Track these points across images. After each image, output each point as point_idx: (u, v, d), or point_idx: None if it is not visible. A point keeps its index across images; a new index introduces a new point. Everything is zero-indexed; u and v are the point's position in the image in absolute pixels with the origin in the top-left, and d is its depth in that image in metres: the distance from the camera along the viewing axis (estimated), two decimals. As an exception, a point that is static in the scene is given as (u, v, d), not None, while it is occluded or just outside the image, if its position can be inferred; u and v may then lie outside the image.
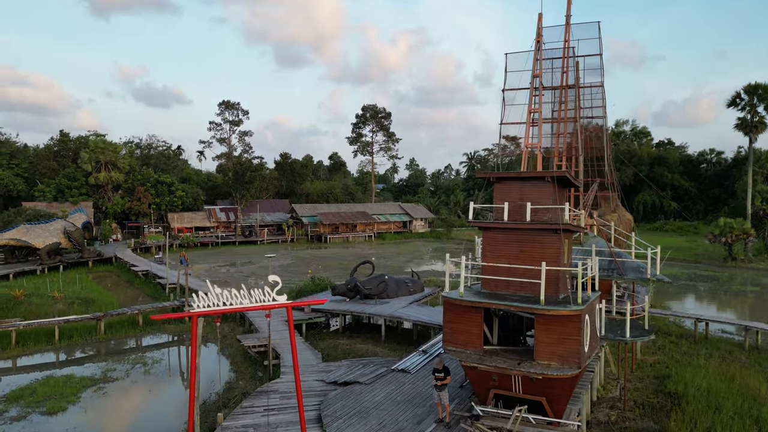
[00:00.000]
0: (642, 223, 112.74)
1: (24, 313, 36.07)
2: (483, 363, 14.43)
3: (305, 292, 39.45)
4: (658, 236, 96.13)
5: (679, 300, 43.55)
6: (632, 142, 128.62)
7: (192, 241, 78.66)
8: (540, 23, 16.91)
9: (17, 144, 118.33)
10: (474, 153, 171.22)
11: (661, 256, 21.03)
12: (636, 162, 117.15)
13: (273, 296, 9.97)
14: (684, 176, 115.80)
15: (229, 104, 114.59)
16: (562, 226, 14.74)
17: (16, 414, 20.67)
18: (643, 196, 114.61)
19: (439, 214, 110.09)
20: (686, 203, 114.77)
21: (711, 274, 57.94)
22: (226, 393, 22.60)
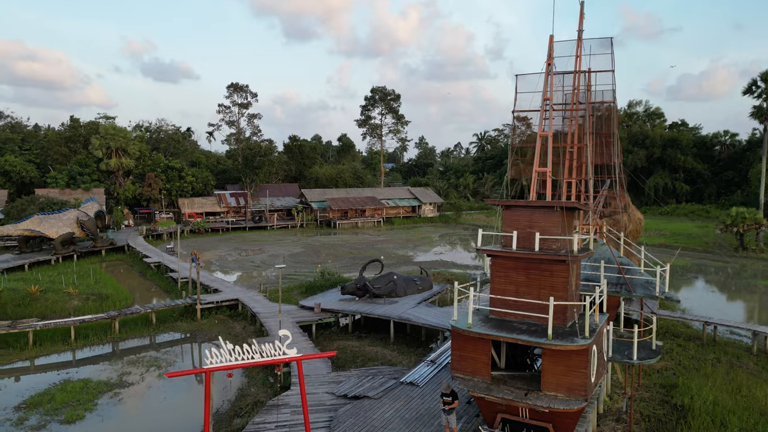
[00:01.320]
0: (653, 206, 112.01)
1: (40, 309, 36.86)
2: (490, 394, 14.65)
3: (315, 288, 39.86)
4: (669, 221, 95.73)
5: (689, 294, 43.45)
6: (645, 124, 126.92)
7: (203, 227, 79.31)
8: (551, 44, 16.66)
9: (28, 127, 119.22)
10: (484, 133, 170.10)
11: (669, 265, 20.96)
12: (648, 144, 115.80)
13: (283, 350, 10.17)
14: (697, 158, 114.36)
15: (238, 87, 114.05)
16: (571, 258, 14.77)
17: (36, 423, 21.29)
18: (655, 179, 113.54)
19: (449, 198, 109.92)
20: (699, 186, 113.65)
21: (721, 266, 57.69)
22: (238, 401, 23.11)
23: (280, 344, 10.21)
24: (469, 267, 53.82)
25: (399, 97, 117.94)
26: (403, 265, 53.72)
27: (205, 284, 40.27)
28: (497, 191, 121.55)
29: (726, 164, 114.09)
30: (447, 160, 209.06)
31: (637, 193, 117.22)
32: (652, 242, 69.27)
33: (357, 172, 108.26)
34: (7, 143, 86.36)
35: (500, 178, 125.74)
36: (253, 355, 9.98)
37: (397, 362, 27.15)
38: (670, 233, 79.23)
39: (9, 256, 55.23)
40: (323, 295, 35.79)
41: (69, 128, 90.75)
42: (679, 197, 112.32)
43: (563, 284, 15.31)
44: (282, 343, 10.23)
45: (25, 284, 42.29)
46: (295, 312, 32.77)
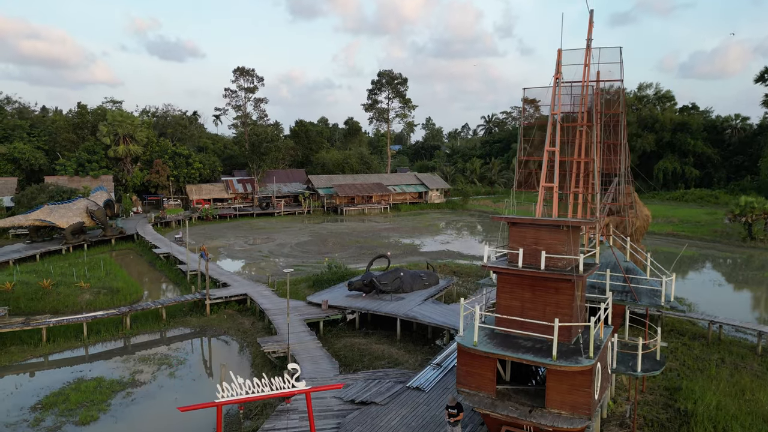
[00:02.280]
0: (662, 191, 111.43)
1: (52, 304, 37.51)
2: (495, 411, 14.92)
3: (322, 282, 40.22)
4: (677, 207, 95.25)
5: (695, 287, 43.47)
6: (654, 107, 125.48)
7: (211, 214, 79.79)
8: (559, 58, 16.54)
9: (35, 112, 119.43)
10: (492, 116, 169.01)
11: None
12: (658, 128, 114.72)
13: (292, 383, 10.43)
14: (707, 143, 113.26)
15: (244, 71, 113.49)
16: (576, 277, 14.88)
17: (51, 424, 21.86)
18: (664, 163, 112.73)
19: (456, 184, 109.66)
20: (708, 170, 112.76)
21: (729, 256, 57.56)
22: (248, 402, 23.54)
23: (289, 377, 10.48)
24: (475, 257, 53.96)
25: (406, 81, 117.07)
26: (410, 256, 53.98)
27: (213, 278, 40.71)
28: (504, 176, 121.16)
29: (736, 148, 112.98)
30: (454, 143, 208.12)
31: (646, 177, 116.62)
32: (659, 230, 69.13)
33: (364, 157, 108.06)
34: (16, 130, 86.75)
35: (507, 162, 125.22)
36: (263, 388, 10.23)
37: (404, 361, 27.53)
38: (678, 220, 78.89)
39: (20, 246, 55.95)
40: (330, 291, 36.14)
41: (77, 115, 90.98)
42: (687, 182, 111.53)
43: (568, 301, 15.45)
44: (291, 376, 10.50)
45: (37, 276, 42.93)
46: (303, 308, 33.16)
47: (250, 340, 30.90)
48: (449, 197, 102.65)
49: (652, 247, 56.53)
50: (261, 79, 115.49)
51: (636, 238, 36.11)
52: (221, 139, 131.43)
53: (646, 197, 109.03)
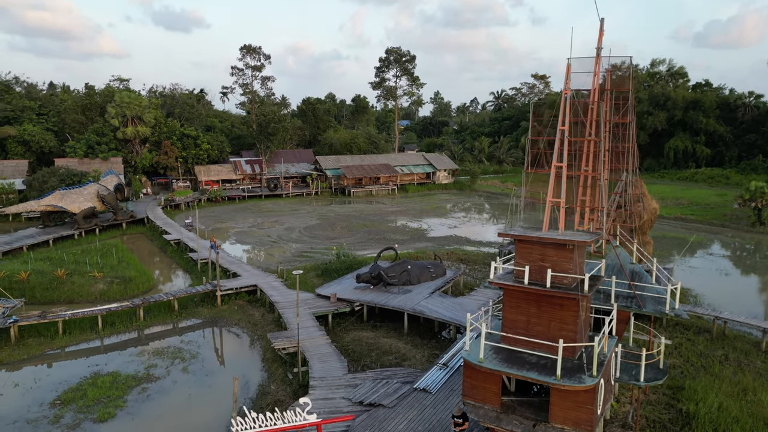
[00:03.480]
0: (672, 169, 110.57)
1: (67, 294, 38.32)
2: (500, 425, 15.36)
3: (331, 271, 40.70)
4: (687, 187, 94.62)
5: (701, 275, 43.56)
6: (667, 84, 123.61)
7: (219, 196, 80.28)
8: (568, 72, 16.46)
9: (42, 91, 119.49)
10: (501, 92, 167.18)
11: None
12: (670, 106, 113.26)
13: (304, 416, 10.85)
14: (719, 120, 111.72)
15: (251, 48, 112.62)
16: (581, 296, 15.12)
17: (70, 421, 22.65)
18: (675, 142, 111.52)
19: (463, 163, 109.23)
20: (720, 149, 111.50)
21: (738, 242, 57.45)
22: (259, 399, 24.23)
23: (301, 411, 10.90)
24: (482, 243, 54.24)
25: (414, 58, 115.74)
26: (417, 242, 54.31)
27: (224, 266, 41.30)
28: (513, 154, 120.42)
29: (749, 126, 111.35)
30: (462, 118, 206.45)
31: (656, 156, 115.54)
32: (668, 214, 68.87)
33: (371, 137, 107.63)
34: (25, 111, 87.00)
35: (516, 141, 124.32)
36: (276, 421, 10.67)
37: (411, 357, 28.08)
38: (688, 202, 78.45)
39: (33, 231, 56.77)
40: (339, 282, 36.61)
41: (85, 96, 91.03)
42: (698, 161, 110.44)
43: (573, 318, 15.72)
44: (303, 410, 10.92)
45: (51, 264, 43.72)
46: (312, 301, 33.70)
47: (260, 333, 31.53)
48: (457, 177, 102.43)
49: (661, 233, 56.53)
50: (268, 56, 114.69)
51: (643, 230, 36.17)
52: (228, 116, 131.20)
53: (655, 176, 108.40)
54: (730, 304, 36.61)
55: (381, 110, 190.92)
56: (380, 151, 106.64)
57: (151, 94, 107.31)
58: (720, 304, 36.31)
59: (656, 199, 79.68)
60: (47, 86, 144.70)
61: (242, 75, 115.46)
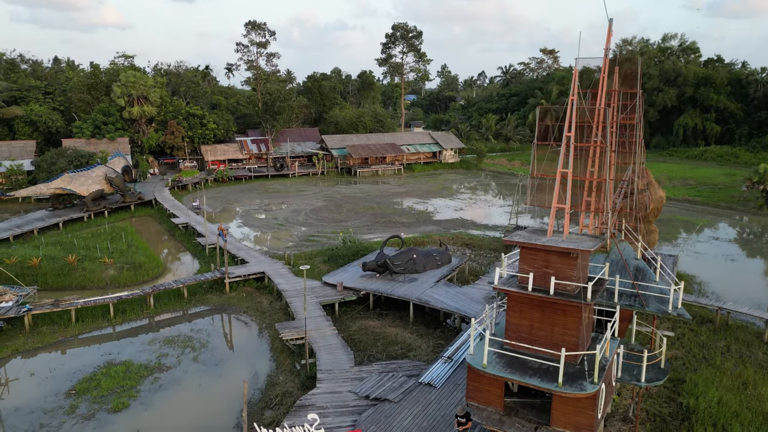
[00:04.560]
0: (681, 147, 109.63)
1: (78, 280, 38.98)
2: (502, 427, 15.78)
3: (337, 257, 41.09)
4: (696, 166, 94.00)
5: (706, 262, 43.66)
6: (678, 60, 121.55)
7: (226, 176, 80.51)
8: (575, 78, 16.36)
9: (47, 67, 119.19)
10: (509, 67, 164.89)
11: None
12: (681, 82, 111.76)
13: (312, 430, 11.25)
14: (730, 97, 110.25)
15: (255, 25, 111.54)
16: (584, 304, 15.34)
17: (86, 411, 23.36)
18: (684, 119, 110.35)
19: (470, 140, 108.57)
20: (730, 126, 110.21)
21: (745, 225, 57.32)
22: (268, 390, 24.83)
23: (309, 426, 11.31)
24: (488, 227, 54.39)
25: (421, 34, 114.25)
26: (423, 225, 54.53)
27: (231, 253, 41.78)
28: (520, 132, 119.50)
29: (760, 103, 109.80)
30: (470, 93, 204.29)
31: (665, 134, 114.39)
32: (675, 195, 68.60)
33: (377, 115, 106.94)
34: (31, 91, 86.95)
35: (523, 118, 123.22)
36: (285, 437, 11.12)
37: (416, 347, 28.57)
38: (696, 182, 78.00)
39: (43, 213, 57.37)
40: (345, 270, 36.99)
41: (90, 75, 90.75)
42: (708, 139, 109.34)
43: (576, 324, 15.99)
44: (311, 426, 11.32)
45: (62, 249, 44.36)
46: (319, 289, 34.15)
47: (268, 322, 32.08)
48: (463, 155, 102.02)
49: (668, 215, 56.43)
50: (273, 33, 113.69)
51: (649, 219, 36.18)
52: (234, 93, 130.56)
53: (664, 154, 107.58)
54: (734, 291, 36.83)
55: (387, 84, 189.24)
56: (386, 130, 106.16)
57: (156, 72, 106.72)
58: (725, 292, 36.54)
59: (664, 179, 79.80)
60: (52, 61, 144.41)
61: (247, 52, 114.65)
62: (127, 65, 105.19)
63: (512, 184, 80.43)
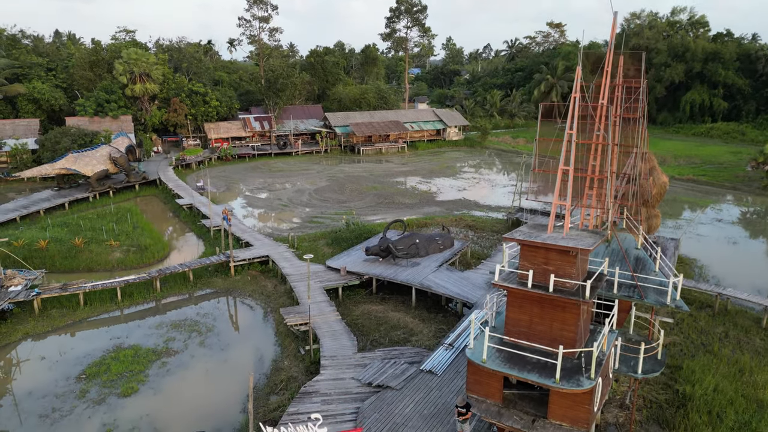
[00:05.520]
0: (688, 123, 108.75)
1: (85, 262, 39.49)
2: (500, 420, 16.24)
3: (341, 240, 41.44)
4: (702, 143, 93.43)
5: (708, 245, 43.80)
6: (687, 34, 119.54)
7: (229, 154, 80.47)
8: (578, 76, 16.31)
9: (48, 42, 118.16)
10: (515, 41, 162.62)
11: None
12: (689, 57, 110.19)
13: (316, 430, 11.68)
14: (739, 73, 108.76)
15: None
16: (582, 302, 15.62)
17: (96, 396, 24.02)
18: (692, 95, 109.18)
19: (475, 117, 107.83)
20: (737, 102, 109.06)
21: (749, 206, 57.25)
22: (273, 375, 25.44)
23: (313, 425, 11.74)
24: (491, 208, 54.52)
25: (425, 8, 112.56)
26: (426, 206, 54.69)
27: (236, 235, 42.16)
28: (525, 108, 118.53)
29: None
30: (475, 66, 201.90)
31: (672, 110, 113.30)
32: (680, 174, 68.40)
33: (381, 92, 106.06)
34: (33, 68, 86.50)
35: (529, 94, 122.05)
36: (290, 436, 11.56)
37: (418, 332, 29.08)
38: (701, 161, 77.61)
39: (49, 193, 57.74)
40: (348, 254, 37.34)
41: (92, 52, 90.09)
42: (715, 115, 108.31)
43: (574, 319, 16.29)
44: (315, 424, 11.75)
45: (69, 231, 44.82)
46: (323, 273, 34.56)
47: (273, 306, 32.61)
48: (467, 132, 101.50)
49: (672, 196, 56.36)
50: (275, 7, 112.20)
51: (652, 203, 36.25)
52: (236, 68, 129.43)
53: (670, 131, 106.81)
54: (736, 274, 37.09)
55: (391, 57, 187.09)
56: (390, 107, 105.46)
57: (158, 47, 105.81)
58: (726, 275, 36.82)
59: (669, 157, 79.39)
60: (53, 34, 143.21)
61: (249, 27, 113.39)
62: (128, 40, 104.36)
63: (516, 162, 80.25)
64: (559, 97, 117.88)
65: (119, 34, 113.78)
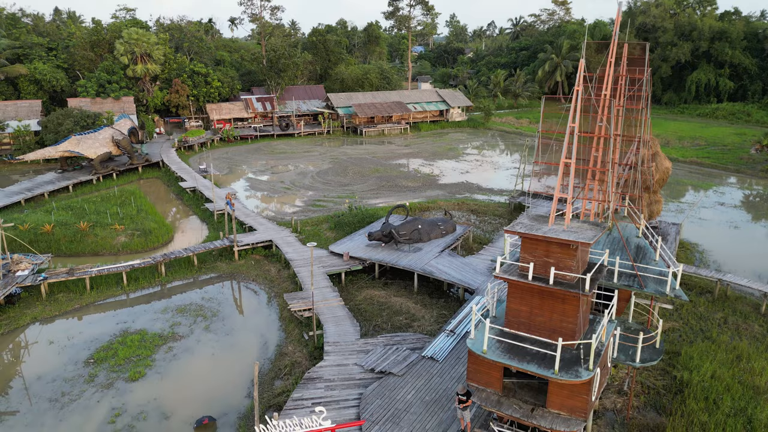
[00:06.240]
0: (693, 103, 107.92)
1: (91, 246, 39.88)
2: (500, 409, 16.61)
3: (343, 224, 41.64)
4: (707, 124, 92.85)
5: (710, 229, 43.89)
6: (694, 12, 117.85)
7: (232, 135, 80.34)
8: (581, 69, 16.26)
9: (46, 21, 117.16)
10: (519, 19, 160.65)
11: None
12: (696, 36, 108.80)
13: (319, 422, 12.00)
14: (746, 52, 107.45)
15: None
16: (582, 295, 15.84)
17: (104, 380, 24.53)
18: (698, 75, 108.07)
19: (478, 97, 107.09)
20: (744, 82, 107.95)
21: (752, 189, 57.15)
22: (278, 360, 25.89)
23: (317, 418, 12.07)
24: (493, 191, 54.55)
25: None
26: (429, 189, 54.75)
27: (240, 219, 42.41)
28: (529, 88, 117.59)
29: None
30: (479, 44, 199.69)
31: (677, 90, 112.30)
32: (683, 157, 68.18)
33: (384, 71, 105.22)
34: (34, 48, 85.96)
35: (533, 74, 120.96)
36: (295, 428, 11.86)
37: (420, 317, 29.45)
38: (705, 143, 77.17)
39: (53, 176, 57.98)
40: (351, 239, 37.58)
41: (92, 32, 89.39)
42: (720, 95, 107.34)
43: (574, 311, 16.54)
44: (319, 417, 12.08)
45: (74, 214, 45.14)
46: (326, 259, 34.86)
47: (277, 291, 32.99)
48: (471, 113, 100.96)
49: (675, 178, 56.30)
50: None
51: (654, 189, 36.27)
52: (238, 47, 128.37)
53: (675, 112, 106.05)
54: (736, 259, 37.25)
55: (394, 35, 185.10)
56: (393, 87, 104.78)
57: (159, 26, 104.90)
58: (726, 260, 37.02)
59: (674, 138, 78.97)
60: (53, 12, 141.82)
61: (251, 5, 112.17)
62: (129, 19, 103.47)
63: (519, 144, 79.99)
64: (563, 76, 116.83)
65: (119, 13, 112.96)
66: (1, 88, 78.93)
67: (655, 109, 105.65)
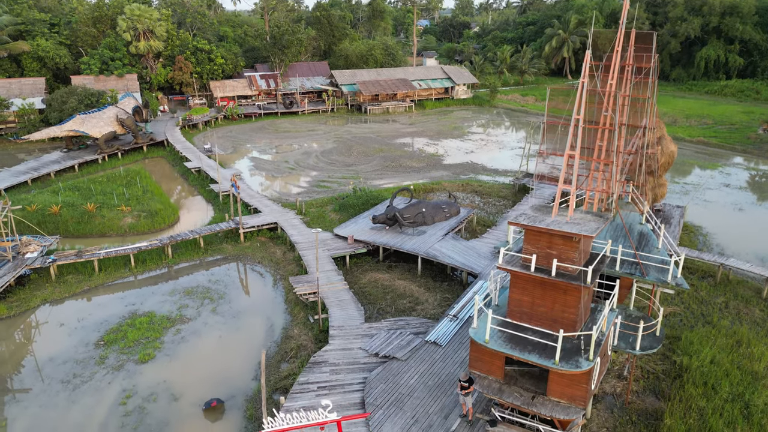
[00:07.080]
0: (702, 80, 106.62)
1: (98, 227, 40.28)
2: (501, 397, 17.01)
3: (348, 206, 41.82)
4: (715, 102, 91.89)
5: (715, 211, 43.89)
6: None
7: (236, 113, 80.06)
8: (586, 61, 16.17)
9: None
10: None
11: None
12: (706, 11, 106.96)
13: (326, 414, 12.37)
14: (757, 27, 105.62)
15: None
16: (583, 287, 16.07)
17: (115, 362, 25.12)
18: (707, 51, 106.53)
19: (484, 74, 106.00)
20: (754, 59, 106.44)
21: (758, 170, 56.87)
22: (284, 343, 26.39)
23: (323, 410, 12.45)
24: (498, 172, 54.50)
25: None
26: (433, 170, 54.71)
27: (245, 201, 42.65)
28: (535, 65, 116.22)
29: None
30: (485, 18, 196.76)
31: (686, 66, 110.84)
32: (690, 136, 67.73)
33: (388, 48, 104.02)
34: (36, 24, 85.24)
35: (540, 49, 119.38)
36: (302, 419, 12.24)
37: (424, 300, 29.84)
38: (713, 122, 76.50)
39: (58, 155, 58.17)
40: (355, 222, 37.81)
41: (94, 7, 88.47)
42: (730, 72, 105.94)
43: (575, 302, 16.79)
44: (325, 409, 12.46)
45: (80, 195, 45.43)
46: (330, 242, 35.16)
47: (282, 273, 33.39)
48: (476, 90, 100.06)
49: (681, 159, 56.04)
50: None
51: (659, 173, 36.21)
52: (241, 22, 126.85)
53: (683, 89, 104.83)
54: (740, 242, 37.35)
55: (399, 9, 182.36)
56: (397, 63, 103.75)
57: (161, 1, 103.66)
58: (730, 243, 37.13)
59: (681, 117, 78.25)
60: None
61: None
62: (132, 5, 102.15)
63: (525, 122, 79.51)
64: (570, 52, 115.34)
65: None
66: (5, 66, 78.57)
67: (663, 86, 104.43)
